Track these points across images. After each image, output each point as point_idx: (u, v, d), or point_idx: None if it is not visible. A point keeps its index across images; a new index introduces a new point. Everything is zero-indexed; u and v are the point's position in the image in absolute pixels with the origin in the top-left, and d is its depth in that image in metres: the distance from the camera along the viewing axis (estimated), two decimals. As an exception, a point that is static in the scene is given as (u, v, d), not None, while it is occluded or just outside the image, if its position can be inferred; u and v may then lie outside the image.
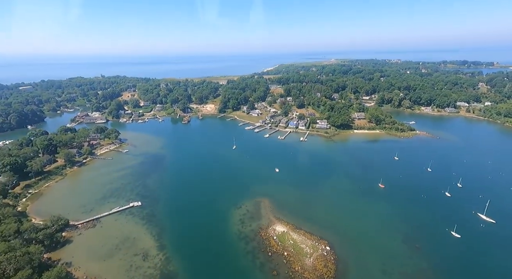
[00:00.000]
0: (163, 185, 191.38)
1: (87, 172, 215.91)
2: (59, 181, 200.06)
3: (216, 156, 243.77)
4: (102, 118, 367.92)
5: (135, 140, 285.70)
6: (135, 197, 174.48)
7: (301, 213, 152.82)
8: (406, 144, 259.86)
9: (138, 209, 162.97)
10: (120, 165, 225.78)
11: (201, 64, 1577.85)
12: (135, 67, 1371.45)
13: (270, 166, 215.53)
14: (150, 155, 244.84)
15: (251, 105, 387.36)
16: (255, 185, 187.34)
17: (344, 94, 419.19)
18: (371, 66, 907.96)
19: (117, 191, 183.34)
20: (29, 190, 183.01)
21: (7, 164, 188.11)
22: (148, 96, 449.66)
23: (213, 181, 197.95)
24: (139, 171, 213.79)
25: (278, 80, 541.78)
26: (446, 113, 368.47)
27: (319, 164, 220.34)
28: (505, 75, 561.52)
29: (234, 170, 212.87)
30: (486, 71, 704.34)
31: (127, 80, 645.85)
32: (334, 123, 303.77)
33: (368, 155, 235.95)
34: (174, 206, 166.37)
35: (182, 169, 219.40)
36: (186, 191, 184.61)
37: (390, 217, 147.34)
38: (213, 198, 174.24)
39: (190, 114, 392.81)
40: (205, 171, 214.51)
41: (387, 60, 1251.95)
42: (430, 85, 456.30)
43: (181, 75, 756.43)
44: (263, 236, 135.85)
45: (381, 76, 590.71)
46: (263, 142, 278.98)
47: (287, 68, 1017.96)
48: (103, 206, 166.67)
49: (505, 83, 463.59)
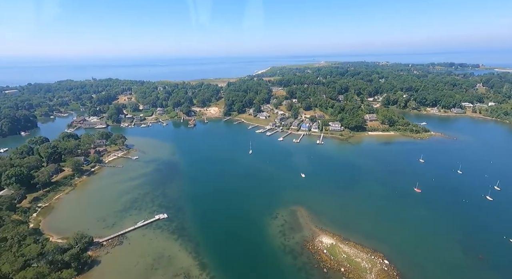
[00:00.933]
0: (184, 194, 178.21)
1: (98, 181, 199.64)
2: (69, 192, 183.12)
3: (233, 161, 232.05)
4: (102, 123, 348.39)
5: (141, 145, 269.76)
6: (158, 209, 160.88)
7: (343, 222, 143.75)
8: (425, 145, 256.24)
9: (165, 222, 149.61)
10: (132, 173, 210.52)
11: (192, 67, 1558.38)
12: (124, 69, 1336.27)
13: (294, 171, 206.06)
14: (163, 162, 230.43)
15: (258, 108, 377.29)
16: (284, 192, 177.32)
17: (349, 95, 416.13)
18: (364, 68, 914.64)
19: (137, 202, 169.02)
20: (38, 204, 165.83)
21: (12, 175, 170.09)
22: (147, 100, 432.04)
23: (237, 188, 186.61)
24: (155, 179, 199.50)
25: (279, 82, 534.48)
26: (452, 114, 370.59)
27: (344, 168, 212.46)
28: (498, 76, 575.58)
29: (256, 176, 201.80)
30: (477, 72, 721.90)
31: (120, 83, 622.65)
32: (347, 125, 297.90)
33: (392, 158, 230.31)
34: (203, 217, 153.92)
35: (200, 176, 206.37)
36: (211, 200, 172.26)
37: (439, 223, 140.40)
38: (242, 207, 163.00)
39: (194, 117, 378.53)
40: (226, 178, 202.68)
41: (376, 63, 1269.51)
42: (432, 86, 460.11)
43: (173, 77, 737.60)
44: (311, 249, 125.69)
45: (379, 77, 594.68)
46: (278, 146, 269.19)
47: (281, 70, 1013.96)
48: (125, 219, 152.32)
49: (502, 84, 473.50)
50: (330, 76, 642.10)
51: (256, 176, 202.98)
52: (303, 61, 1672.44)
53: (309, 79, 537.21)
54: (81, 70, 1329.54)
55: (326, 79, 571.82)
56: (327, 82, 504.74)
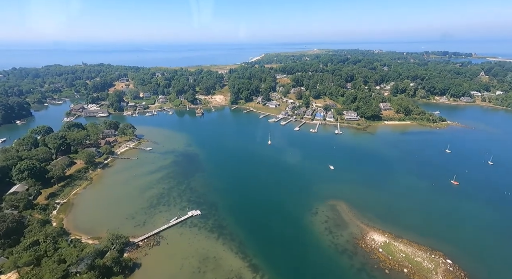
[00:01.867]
0: (212, 189, 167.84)
1: (115, 174, 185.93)
2: (86, 187, 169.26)
3: (253, 152, 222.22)
4: (104, 111, 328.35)
5: (152, 135, 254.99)
6: (189, 205, 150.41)
7: (390, 218, 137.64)
8: (445, 135, 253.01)
9: (200, 219, 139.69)
10: (150, 165, 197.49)
11: (182, 53, 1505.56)
12: (112, 55, 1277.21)
13: (320, 162, 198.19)
14: (180, 153, 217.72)
15: (267, 96, 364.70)
16: (316, 185, 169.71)
17: (357, 84, 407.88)
18: (361, 55, 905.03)
19: (164, 198, 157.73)
20: (56, 200, 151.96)
21: (24, 169, 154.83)
22: (147, 87, 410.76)
23: (265, 181, 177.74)
24: (177, 172, 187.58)
25: (282, 69, 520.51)
26: (462, 102, 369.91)
27: (370, 159, 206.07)
28: (497, 65, 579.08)
29: (283, 168, 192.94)
30: (475, 61, 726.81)
31: (113, 69, 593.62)
32: (363, 115, 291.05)
33: (416, 148, 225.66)
34: (239, 213, 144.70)
35: (224, 168, 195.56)
36: (242, 195, 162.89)
37: (491, 219, 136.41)
38: (278, 201, 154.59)
39: (200, 106, 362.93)
40: (251, 170, 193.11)
41: (370, 50, 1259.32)
42: (437, 75, 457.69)
43: (165, 63, 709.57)
44: (365, 247, 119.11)
45: (381, 65, 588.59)
46: (296, 136, 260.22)
47: (277, 57, 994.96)
48: (156, 216, 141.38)
49: (505, 73, 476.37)
50: (331, 63, 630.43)
51: (282, 168, 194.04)
52: (295, 49, 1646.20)
53: (313, 67, 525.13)
54: (68, 55, 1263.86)
55: (328, 66, 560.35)
56: (331, 70, 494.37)
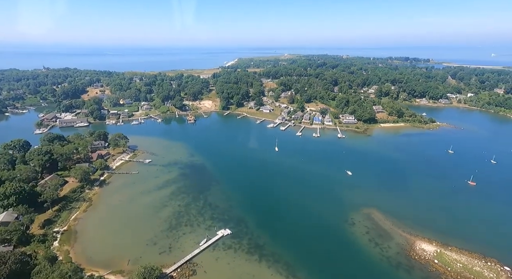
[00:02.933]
0: (233, 203, 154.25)
1: (117, 192, 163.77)
2: (87, 210, 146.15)
3: (263, 160, 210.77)
4: (83, 120, 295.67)
5: (146, 146, 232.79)
6: (214, 223, 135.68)
7: (427, 224, 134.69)
8: (441, 135, 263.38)
9: (232, 239, 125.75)
10: (155, 180, 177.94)
11: (152, 57, 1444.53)
12: (74, 58, 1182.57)
13: (336, 169, 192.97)
14: (184, 165, 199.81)
15: (259, 101, 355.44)
16: (341, 193, 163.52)
17: (343, 87, 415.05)
18: (332, 60, 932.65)
19: (182, 217, 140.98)
20: (54, 228, 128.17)
21: (11, 193, 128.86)
22: (128, 93, 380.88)
23: (286, 191, 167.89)
24: (188, 186, 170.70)
25: (267, 73, 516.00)
26: (441, 104, 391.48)
27: (383, 162, 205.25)
28: (459, 69, 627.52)
29: (300, 177, 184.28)
30: (437, 66, 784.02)
31: (82, 74, 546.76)
32: (360, 118, 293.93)
33: (420, 149, 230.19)
34: (272, 229, 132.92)
35: (237, 179, 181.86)
36: (267, 208, 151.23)
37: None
38: (309, 213, 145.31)
39: (189, 112, 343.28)
40: (268, 180, 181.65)
41: (338, 56, 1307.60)
42: (413, 78, 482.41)
43: (134, 68, 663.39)
44: (418, 259, 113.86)
45: (358, 69, 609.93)
46: (300, 141, 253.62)
47: (253, 62, 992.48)
48: (181, 240, 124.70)
49: (470, 77, 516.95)
50: (311, 68, 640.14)
51: (299, 176, 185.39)
52: (265, 53, 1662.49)
53: (296, 71, 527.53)
54: (21, 58, 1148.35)
55: (308, 71, 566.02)
56: (315, 74, 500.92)
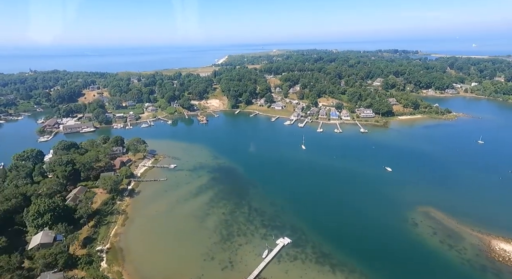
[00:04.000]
0: (280, 207, 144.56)
1: (151, 202, 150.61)
2: (125, 224, 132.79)
3: (292, 159, 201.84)
4: (88, 125, 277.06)
5: (164, 149, 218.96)
6: (270, 232, 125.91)
7: (494, 220, 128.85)
8: (462, 126, 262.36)
9: (294, 248, 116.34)
10: (187, 186, 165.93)
11: (137, 57, 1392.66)
12: (56, 60, 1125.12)
13: (374, 165, 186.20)
14: (212, 168, 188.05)
15: (269, 97, 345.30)
16: (388, 191, 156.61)
17: (350, 81, 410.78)
18: (324, 54, 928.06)
19: (231, 226, 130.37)
20: (96, 247, 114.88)
21: (46, 211, 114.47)
22: (130, 95, 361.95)
23: (330, 191, 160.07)
24: (225, 191, 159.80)
25: (268, 69, 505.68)
26: (448, 94, 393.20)
27: (418, 157, 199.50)
28: (453, 59, 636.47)
29: (338, 175, 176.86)
30: (431, 58, 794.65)
31: (73, 76, 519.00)
32: (378, 111, 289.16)
33: (449, 141, 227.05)
34: (333, 235, 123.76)
35: (274, 181, 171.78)
36: (319, 211, 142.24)
37: None
38: (365, 214, 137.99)
39: (199, 112, 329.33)
40: (307, 180, 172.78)
41: (328, 50, 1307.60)
42: (415, 70, 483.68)
43: (121, 68, 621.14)
44: (503, 261, 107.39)
45: (356, 63, 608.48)
46: (324, 138, 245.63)
47: (247, 58, 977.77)
48: (240, 252, 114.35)
49: (469, 66, 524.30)
50: (308, 63, 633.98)
51: (338, 174, 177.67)
52: (253, 50, 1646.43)
53: (298, 66, 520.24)
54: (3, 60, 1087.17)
55: (309, 66, 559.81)
56: (317, 69, 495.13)
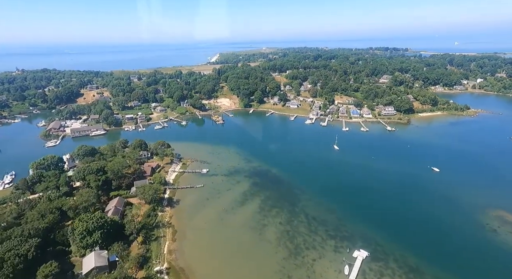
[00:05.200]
0: (339, 214, 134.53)
1: (195, 213, 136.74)
2: (175, 238, 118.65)
3: (329, 161, 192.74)
4: (98, 128, 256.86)
5: (188, 153, 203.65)
6: (340, 243, 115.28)
7: None
8: (487, 123, 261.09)
9: (375, 263, 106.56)
10: (228, 194, 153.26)
11: (119, 55, 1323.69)
12: (35, 58, 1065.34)
13: (418, 165, 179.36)
14: (249, 172, 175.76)
15: (283, 96, 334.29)
16: (447, 193, 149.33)
17: (360, 78, 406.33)
18: (316, 52, 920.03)
19: (295, 238, 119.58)
20: (153, 267, 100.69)
21: (95, 228, 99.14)
22: (134, 94, 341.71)
23: (385, 195, 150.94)
24: (272, 198, 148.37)
25: (272, 67, 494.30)
26: (457, 91, 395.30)
27: (458, 156, 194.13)
28: (447, 56, 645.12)
29: (384, 177, 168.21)
30: (425, 55, 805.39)
31: (65, 75, 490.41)
32: (399, 109, 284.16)
33: (481, 138, 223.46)
34: (409, 244, 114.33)
35: (320, 185, 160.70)
36: (379, 216, 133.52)
37: None
38: (429, 219, 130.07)
39: (212, 112, 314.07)
40: (354, 183, 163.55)
41: (318, 48, 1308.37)
42: (420, 67, 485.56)
43: (111, 67, 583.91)
44: None
45: (356, 60, 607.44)
46: (353, 137, 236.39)
47: (243, 56, 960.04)
48: (317, 269, 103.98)
49: (469, 63, 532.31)
50: (308, 60, 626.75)
51: (383, 177, 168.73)
52: (242, 48, 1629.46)
53: (302, 64, 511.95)
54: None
55: (314, 63, 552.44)
56: (321, 66, 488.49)
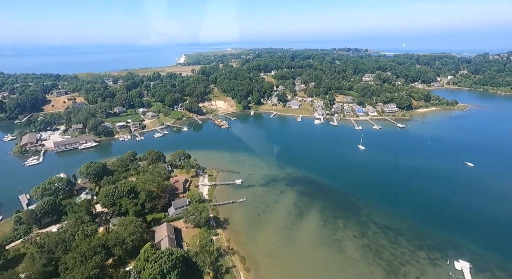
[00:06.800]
0: (410, 221, 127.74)
1: (253, 232, 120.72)
2: (249, 268, 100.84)
3: (358, 161, 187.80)
4: (88, 139, 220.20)
5: (208, 162, 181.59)
6: (432, 254, 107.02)
7: None
8: (481, 116, 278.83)
9: (483, 274, 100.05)
10: (278, 206, 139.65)
11: (69, 57, 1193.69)
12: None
13: (450, 161, 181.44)
14: (288, 180, 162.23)
15: (282, 96, 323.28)
16: (499, 189, 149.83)
17: (347, 77, 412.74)
18: (280, 52, 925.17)
19: (380, 253, 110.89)
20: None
21: (170, 269, 77.35)
22: (118, 99, 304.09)
23: (439, 193, 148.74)
24: (330, 208, 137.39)
25: (256, 67, 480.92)
26: (435, 87, 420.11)
27: (481, 149, 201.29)
28: (410, 56, 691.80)
29: (427, 176, 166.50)
30: (389, 55, 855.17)
31: (17, 79, 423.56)
32: (400, 105, 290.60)
33: (484, 131, 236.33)
34: (501, 250, 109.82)
35: (365, 189, 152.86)
36: (452, 218, 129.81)
37: None
38: (504, 221, 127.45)
39: (211, 116, 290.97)
40: (396, 183, 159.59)
41: (284, 48, 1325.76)
42: (396, 65, 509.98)
43: (64, 70, 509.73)
44: None
45: (332, 60, 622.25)
46: (369, 136, 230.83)
47: (213, 57, 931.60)
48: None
49: (434, 62, 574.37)
50: (286, 60, 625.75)
51: (427, 175, 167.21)
52: (204, 49, 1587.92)
53: (286, 64, 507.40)
54: None
55: (286, 63, 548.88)
56: (305, 66, 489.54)
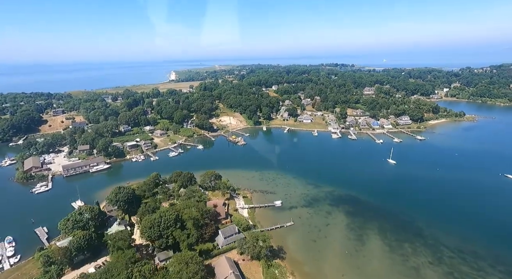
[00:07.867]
0: (474, 241, 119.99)
1: (315, 262, 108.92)
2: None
3: (393, 177, 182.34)
4: (99, 161, 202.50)
5: (238, 183, 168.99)
6: None
7: None
8: (493, 127, 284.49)
9: None
10: (331, 230, 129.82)
11: (54, 75, 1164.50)
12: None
13: (488, 174, 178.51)
14: (330, 200, 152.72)
15: (292, 111, 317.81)
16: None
17: (350, 91, 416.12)
18: (271, 69, 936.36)
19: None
20: None
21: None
22: (123, 117, 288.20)
23: (492, 210, 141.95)
24: (387, 229, 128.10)
25: (256, 82, 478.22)
26: (434, 99, 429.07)
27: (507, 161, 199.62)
28: (401, 70, 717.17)
29: (470, 189, 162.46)
30: (378, 70, 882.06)
31: (6, 98, 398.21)
32: (413, 118, 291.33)
33: (506, 141, 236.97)
34: None
35: (414, 207, 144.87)
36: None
37: None
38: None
39: (223, 132, 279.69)
40: (447, 200, 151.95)
41: (272, 65, 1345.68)
42: (393, 79, 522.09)
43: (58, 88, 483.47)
44: None
45: (326, 75, 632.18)
46: (394, 149, 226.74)
47: (205, 72, 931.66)
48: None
49: (426, 75, 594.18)
50: (280, 75, 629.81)
51: (470, 190, 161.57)
52: (192, 66, 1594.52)
53: (285, 79, 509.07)
54: None
55: (286, 78, 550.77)
56: (305, 80, 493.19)
